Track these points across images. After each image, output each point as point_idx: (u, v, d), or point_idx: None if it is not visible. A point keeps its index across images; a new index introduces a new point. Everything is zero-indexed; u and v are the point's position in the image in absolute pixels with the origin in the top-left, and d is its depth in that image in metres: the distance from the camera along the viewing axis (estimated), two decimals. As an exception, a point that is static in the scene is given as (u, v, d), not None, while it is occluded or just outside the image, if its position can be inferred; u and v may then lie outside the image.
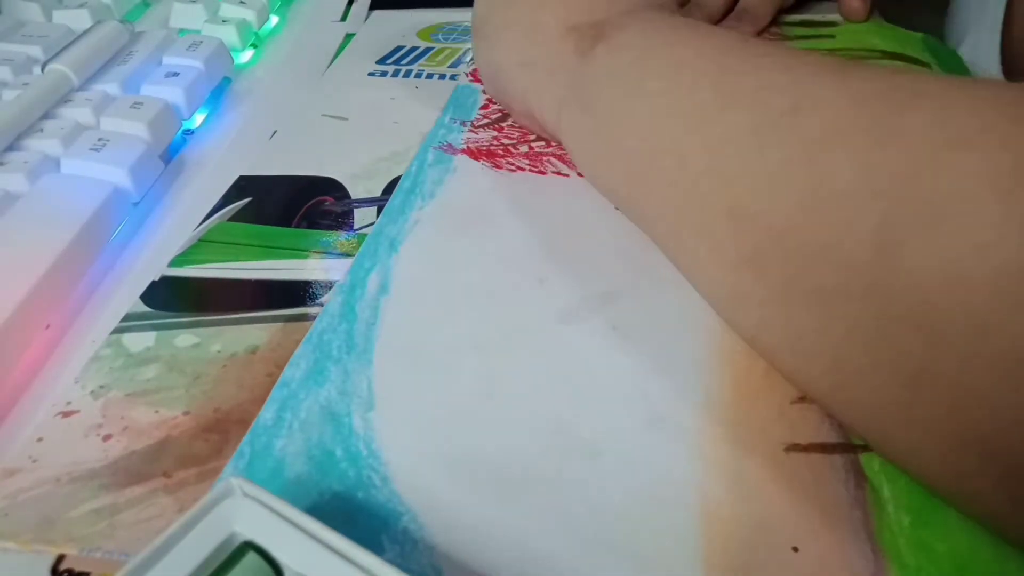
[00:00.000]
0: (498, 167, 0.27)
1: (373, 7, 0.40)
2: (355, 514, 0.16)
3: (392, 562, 0.13)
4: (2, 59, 0.29)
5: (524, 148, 0.28)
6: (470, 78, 0.33)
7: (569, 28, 0.24)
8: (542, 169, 0.27)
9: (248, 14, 0.36)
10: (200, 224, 0.25)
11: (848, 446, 0.18)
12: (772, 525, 0.16)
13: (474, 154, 0.28)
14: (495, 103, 0.31)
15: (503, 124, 0.30)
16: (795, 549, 0.16)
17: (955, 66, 0.34)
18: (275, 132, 0.30)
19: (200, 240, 0.25)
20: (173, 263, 0.24)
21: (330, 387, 0.19)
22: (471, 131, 0.29)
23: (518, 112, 0.28)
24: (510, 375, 0.20)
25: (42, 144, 0.26)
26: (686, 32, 0.21)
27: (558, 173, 0.27)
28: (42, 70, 0.29)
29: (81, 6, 0.34)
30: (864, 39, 0.35)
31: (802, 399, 0.19)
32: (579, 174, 0.27)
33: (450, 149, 0.28)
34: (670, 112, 0.19)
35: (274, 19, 0.39)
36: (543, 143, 0.28)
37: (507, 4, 0.27)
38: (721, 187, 0.17)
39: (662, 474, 0.17)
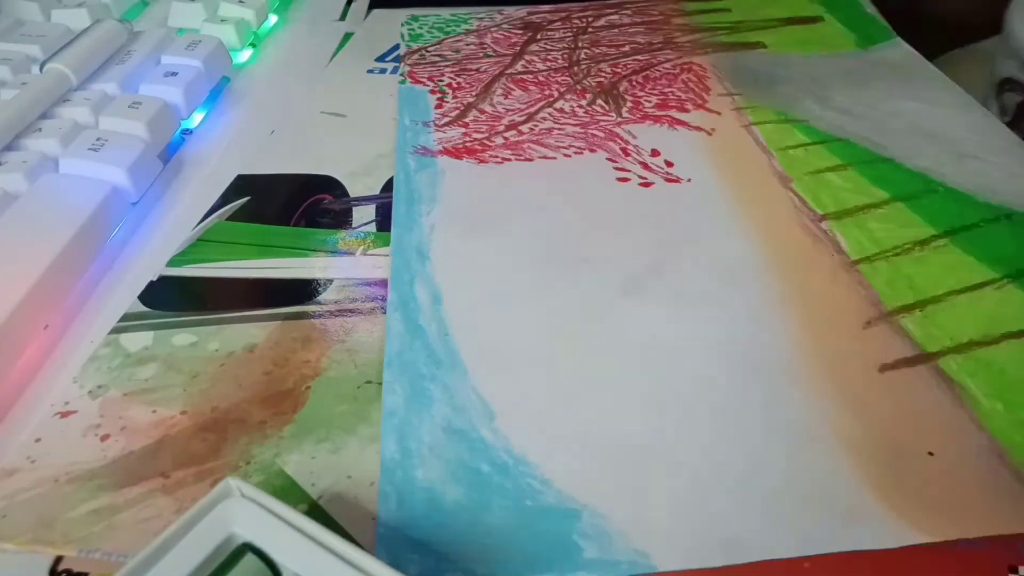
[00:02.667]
0: (484, 162, 0.27)
1: (372, 6, 0.40)
2: (537, 524, 0.16)
3: (597, 560, 0.14)
4: (1, 58, 0.29)
5: (499, 140, 0.29)
6: (409, 80, 0.33)
7: None
8: (528, 156, 0.27)
9: (247, 13, 0.36)
10: (199, 224, 0.25)
11: (923, 356, 0.20)
12: (902, 438, 0.18)
13: (454, 153, 0.28)
14: (447, 101, 0.31)
15: (467, 120, 0.30)
16: (930, 454, 0.17)
17: (848, 6, 0.36)
18: (274, 131, 0.30)
19: (199, 240, 0.25)
20: (171, 263, 0.24)
21: (441, 406, 0.19)
22: (438, 131, 0.29)
23: None
24: (605, 352, 0.20)
25: (40, 144, 0.26)
26: None
27: (544, 158, 0.27)
28: (40, 69, 0.29)
29: (80, 5, 0.34)
30: (759, 10, 0.37)
31: (869, 322, 0.21)
32: (565, 155, 0.27)
33: (427, 152, 0.28)
34: None
35: (273, 18, 0.39)
36: (515, 132, 0.29)
37: None
38: None
39: (789, 416, 0.18)
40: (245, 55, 0.36)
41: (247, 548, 0.14)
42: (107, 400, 0.19)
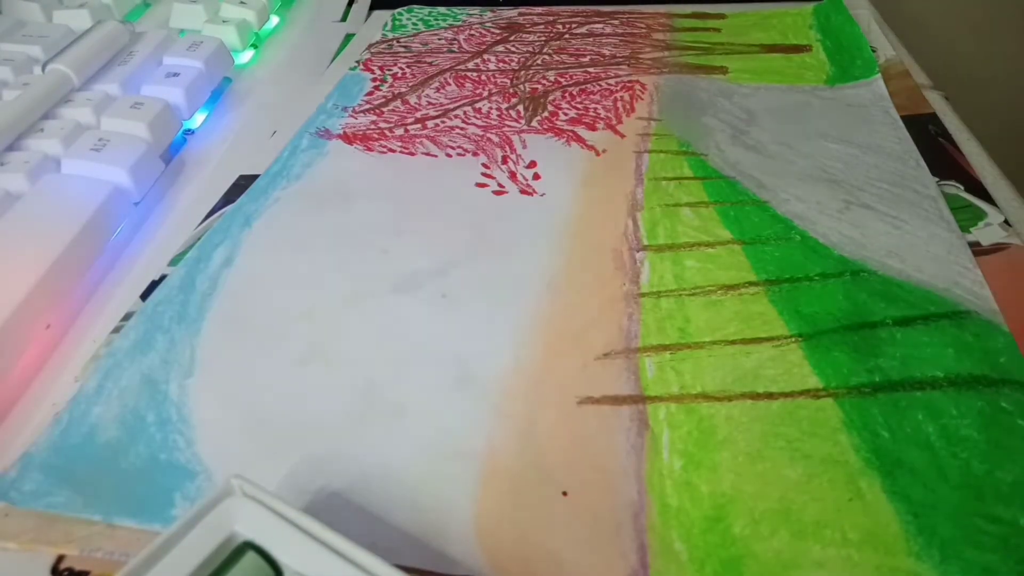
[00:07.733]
0: (370, 150, 0.28)
1: (373, 7, 0.40)
2: (153, 472, 0.17)
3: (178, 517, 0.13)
4: (2, 59, 0.29)
5: (400, 131, 0.29)
6: (361, 67, 0.34)
7: None
8: (412, 151, 0.28)
9: (248, 14, 0.36)
10: (200, 223, 0.25)
11: (638, 397, 0.19)
12: (548, 472, 0.17)
13: (348, 138, 0.29)
14: (380, 89, 0.32)
15: (384, 108, 0.31)
16: (564, 493, 0.17)
17: (845, 36, 0.34)
18: (275, 132, 0.30)
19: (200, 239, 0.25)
20: (173, 262, 0.24)
21: (154, 356, 0.20)
22: (351, 116, 0.30)
23: None
24: (336, 342, 0.20)
25: (43, 144, 0.26)
26: None
27: (427, 154, 0.28)
28: (43, 70, 0.29)
29: (81, 6, 0.34)
30: (746, 33, 0.36)
31: (607, 354, 0.20)
32: (447, 155, 0.28)
33: (326, 135, 0.29)
34: None
35: (274, 19, 0.39)
36: (419, 125, 0.29)
37: None
38: None
39: (457, 428, 0.18)
40: (246, 56, 0.36)
41: (248, 547, 0.14)
42: (109, 399, 0.20)
